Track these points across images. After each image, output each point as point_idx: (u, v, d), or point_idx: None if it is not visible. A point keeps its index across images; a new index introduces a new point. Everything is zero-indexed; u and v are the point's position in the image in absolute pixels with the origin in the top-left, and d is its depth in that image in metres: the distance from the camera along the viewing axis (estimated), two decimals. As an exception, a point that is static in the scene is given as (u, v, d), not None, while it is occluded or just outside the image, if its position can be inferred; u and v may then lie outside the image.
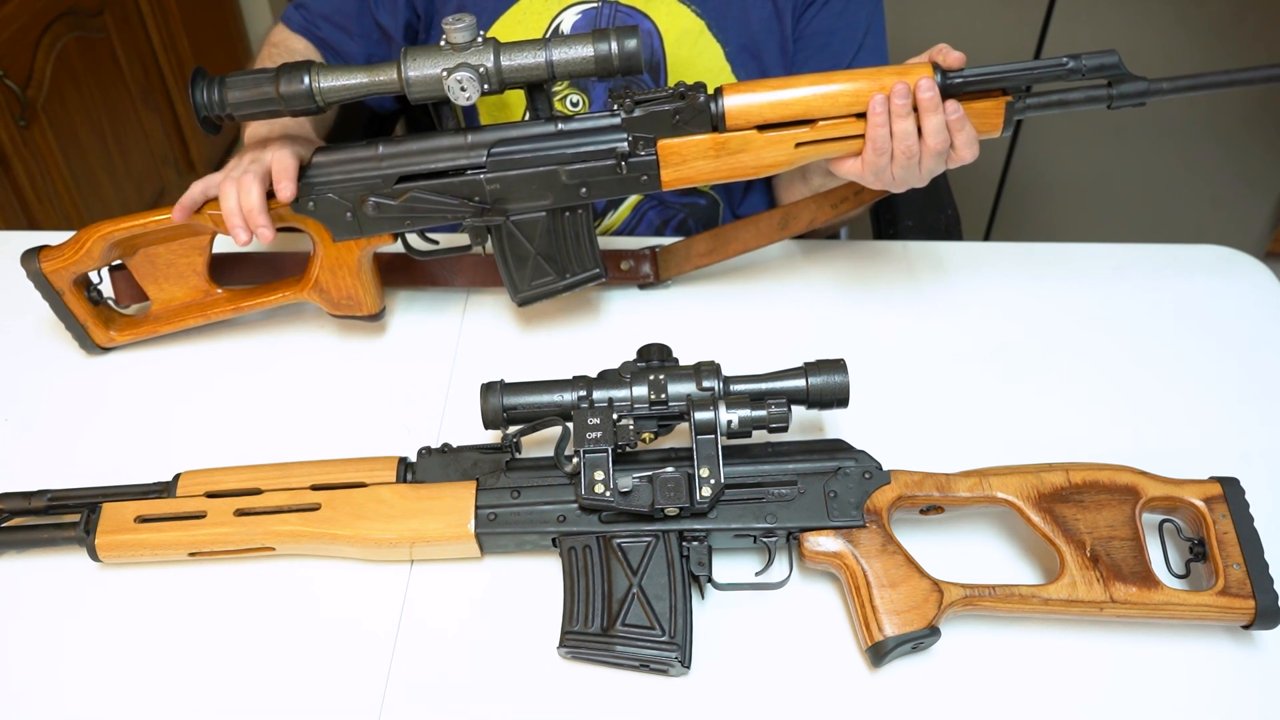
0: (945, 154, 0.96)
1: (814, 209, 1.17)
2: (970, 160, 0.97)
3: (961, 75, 0.94)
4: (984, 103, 0.95)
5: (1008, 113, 0.96)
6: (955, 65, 0.94)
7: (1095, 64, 0.93)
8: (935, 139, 0.94)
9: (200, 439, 1.03)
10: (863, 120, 0.95)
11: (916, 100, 0.93)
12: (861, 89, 0.94)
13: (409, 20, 1.23)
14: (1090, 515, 0.86)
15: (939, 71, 0.94)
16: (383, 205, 1.00)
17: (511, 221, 1.02)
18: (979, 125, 0.96)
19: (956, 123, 0.94)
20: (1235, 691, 0.83)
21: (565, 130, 0.99)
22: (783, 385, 0.90)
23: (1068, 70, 0.93)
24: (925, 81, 0.93)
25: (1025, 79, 0.94)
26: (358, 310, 1.10)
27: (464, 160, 1.00)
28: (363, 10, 1.22)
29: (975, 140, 0.96)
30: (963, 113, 0.94)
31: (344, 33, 1.23)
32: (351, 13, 1.22)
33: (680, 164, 0.99)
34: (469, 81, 0.94)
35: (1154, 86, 0.94)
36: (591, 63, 0.95)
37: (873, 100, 0.94)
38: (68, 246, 1.05)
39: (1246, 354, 1.11)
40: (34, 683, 0.85)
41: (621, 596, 0.85)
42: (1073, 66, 0.93)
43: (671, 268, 1.19)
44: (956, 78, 0.94)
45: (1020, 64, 0.93)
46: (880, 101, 0.93)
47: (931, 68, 0.94)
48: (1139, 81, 0.94)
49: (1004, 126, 0.97)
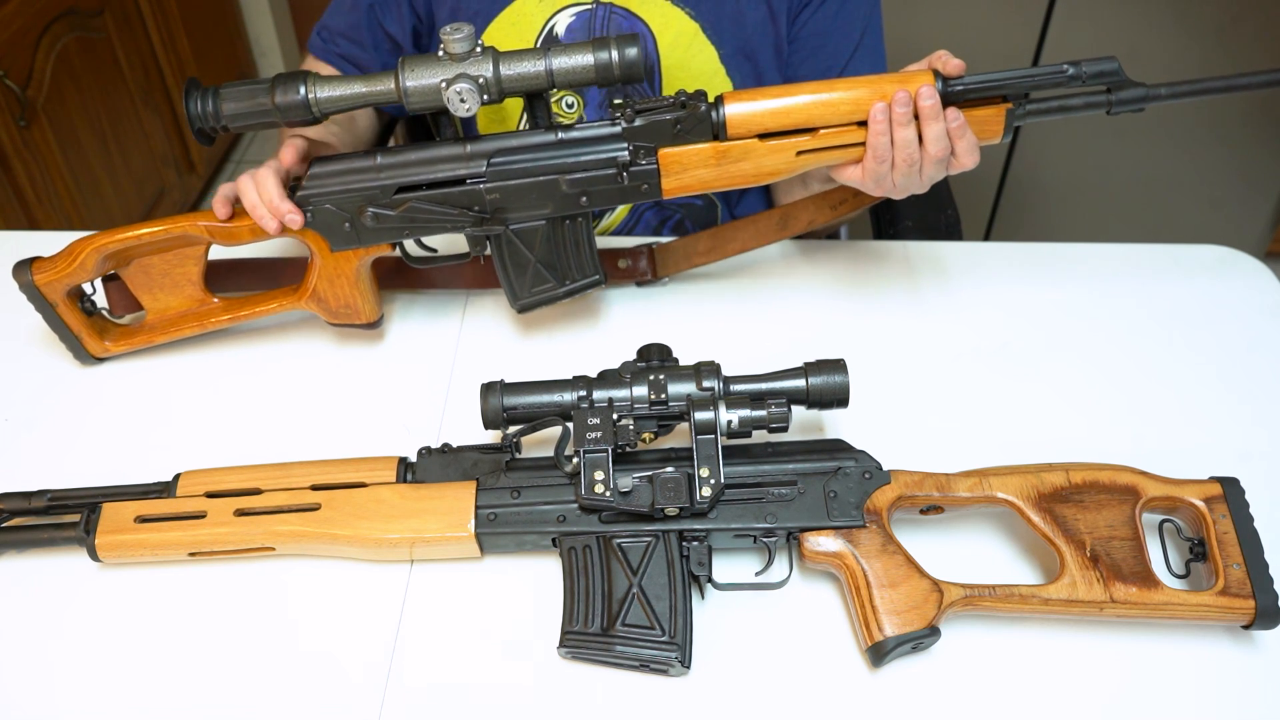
0: (946, 161, 0.97)
1: (813, 210, 1.17)
2: (971, 167, 0.97)
3: (962, 82, 0.94)
4: (985, 110, 0.96)
5: (1008, 119, 0.96)
6: (955, 72, 0.95)
7: (1095, 70, 0.93)
8: (936, 146, 0.94)
9: (201, 439, 1.03)
10: (864, 128, 0.95)
11: (917, 108, 0.93)
12: (862, 97, 0.94)
13: (414, 26, 1.23)
14: (1090, 515, 0.86)
15: (940, 79, 0.94)
16: (381, 216, 1.00)
17: (511, 230, 1.02)
18: (979, 132, 0.96)
19: (957, 130, 0.94)
20: (1235, 691, 0.82)
21: (565, 140, 0.99)
22: (783, 385, 0.90)
23: (1068, 77, 0.93)
24: (926, 89, 0.93)
25: (1025, 85, 0.94)
26: (355, 319, 1.09)
27: (463, 170, 0.99)
28: (372, 22, 1.23)
29: (976, 147, 0.97)
30: (963, 120, 0.94)
31: (359, 46, 1.24)
32: (363, 25, 1.23)
33: (681, 173, 0.99)
34: (468, 93, 0.93)
35: (1153, 93, 0.95)
36: (592, 72, 0.94)
37: (874, 108, 0.94)
38: (60, 258, 1.04)
39: (1246, 354, 1.11)
40: (34, 682, 0.85)
41: (621, 596, 0.85)
42: (1073, 73, 0.93)
43: (670, 266, 1.19)
44: (957, 85, 0.94)
45: (1020, 70, 0.94)
46: (881, 110, 0.94)
47: (932, 75, 0.94)
48: (1138, 88, 0.94)
49: (1004, 133, 0.97)
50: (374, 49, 1.25)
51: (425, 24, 1.23)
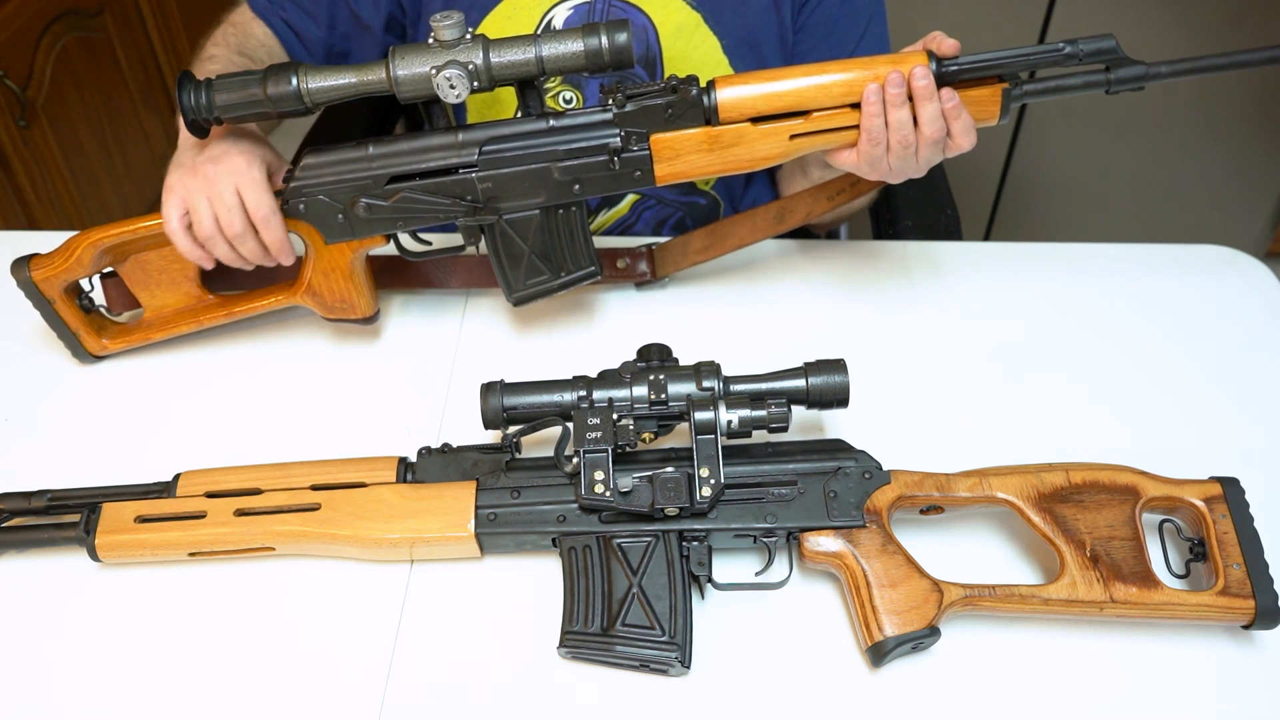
0: (942, 143, 0.96)
1: (810, 202, 1.16)
2: (967, 148, 0.96)
3: (957, 63, 0.93)
4: (980, 90, 0.95)
5: (1005, 100, 0.95)
6: (950, 53, 0.94)
7: (1092, 48, 0.92)
8: (931, 128, 0.94)
9: (201, 439, 1.03)
10: (857, 110, 0.94)
11: (911, 89, 0.92)
12: (855, 79, 0.94)
13: (392, 13, 1.20)
14: (1090, 515, 0.86)
15: (934, 59, 0.93)
16: (374, 206, 1.00)
17: (505, 220, 1.02)
18: (976, 113, 0.95)
19: (952, 110, 0.93)
20: (1235, 691, 0.82)
21: (557, 126, 0.98)
22: (783, 385, 0.90)
23: (1064, 55, 0.92)
24: (920, 69, 0.92)
25: (1022, 65, 0.93)
26: (351, 313, 1.09)
27: (455, 159, 0.99)
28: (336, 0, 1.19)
29: (972, 128, 0.95)
30: (959, 100, 0.93)
31: (310, 18, 1.19)
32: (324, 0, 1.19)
33: (674, 158, 0.98)
34: (458, 79, 0.93)
35: (1152, 70, 0.93)
36: (582, 58, 0.94)
37: (867, 90, 0.93)
38: (57, 254, 1.04)
39: (1246, 354, 1.11)
40: (34, 682, 0.85)
41: (621, 596, 0.85)
42: (1069, 51, 0.92)
43: (669, 264, 1.19)
44: (952, 65, 0.93)
45: (1016, 50, 0.92)
46: (874, 91, 0.93)
47: (926, 56, 0.93)
48: (1137, 66, 0.93)
49: (1001, 114, 0.96)
50: (327, 27, 1.19)
51: (409, 14, 1.20)
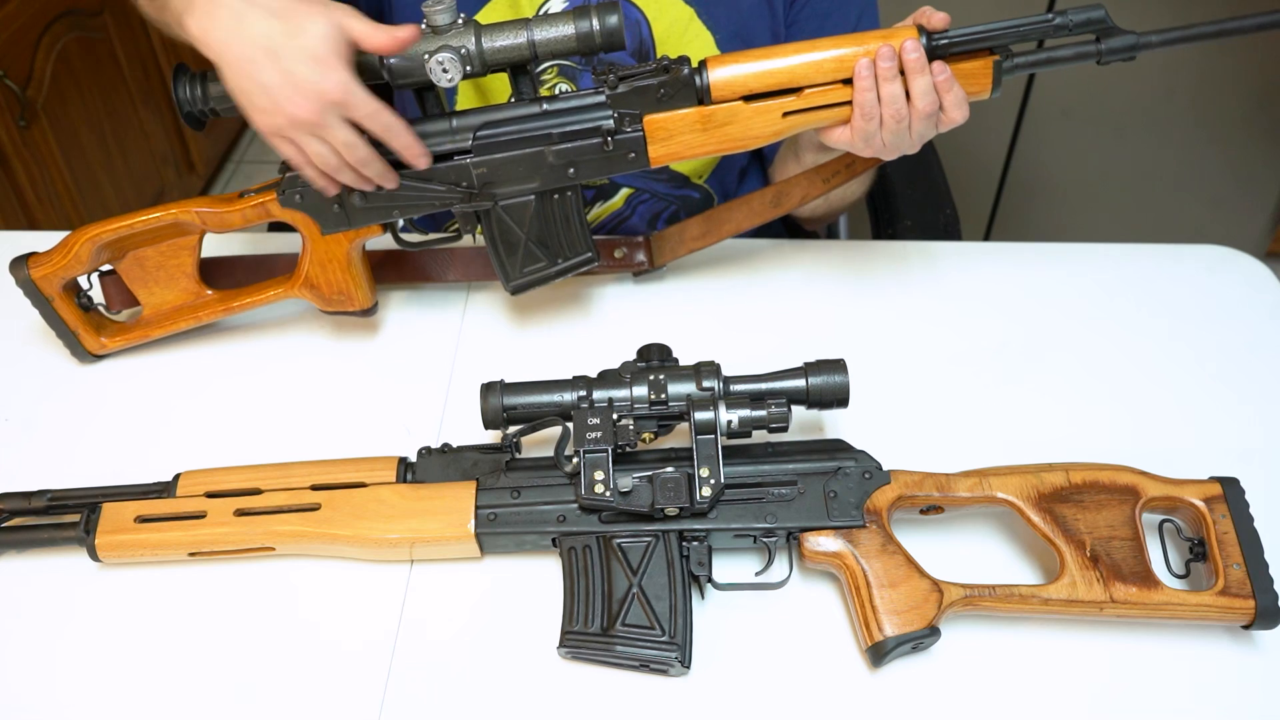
0: (935, 116, 0.96)
1: (806, 184, 1.16)
2: (960, 122, 0.97)
3: (947, 36, 0.94)
4: (972, 63, 0.95)
5: (996, 72, 0.95)
6: (940, 26, 0.94)
7: (1082, 19, 0.92)
8: (923, 101, 0.94)
9: (201, 439, 1.03)
10: (849, 86, 0.95)
11: (903, 63, 0.93)
12: (846, 55, 0.94)
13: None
14: (1090, 515, 0.86)
15: (924, 33, 0.93)
16: (369, 195, 1.00)
17: (500, 206, 1.02)
18: (968, 86, 0.96)
19: (944, 84, 0.94)
20: (1235, 691, 0.83)
21: (550, 110, 0.98)
22: (783, 385, 0.90)
23: (1054, 26, 0.92)
24: (910, 43, 0.92)
25: (1012, 37, 0.93)
26: (349, 305, 1.09)
27: (449, 145, 0.99)
28: None
29: (964, 101, 0.96)
30: (950, 73, 0.94)
31: None
32: None
33: (667, 139, 0.98)
34: (450, 62, 0.93)
35: (1143, 40, 0.93)
36: (574, 41, 0.94)
37: (858, 64, 0.93)
38: (56, 252, 1.04)
39: (1246, 354, 1.11)
40: (34, 683, 0.85)
41: (621, 596, 0.85)
42: (1059, 22, 0.92)
43: (666, 253, 1.19)
44: (942, 39, 0.93)
45: (1005, 22, 0.93)
46: (866, 65, 0.93)
47: (916, 30, 0.94)
48: (1127, 35, 0.93)
49: (993, 87, 0.96)
50: None
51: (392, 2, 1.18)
